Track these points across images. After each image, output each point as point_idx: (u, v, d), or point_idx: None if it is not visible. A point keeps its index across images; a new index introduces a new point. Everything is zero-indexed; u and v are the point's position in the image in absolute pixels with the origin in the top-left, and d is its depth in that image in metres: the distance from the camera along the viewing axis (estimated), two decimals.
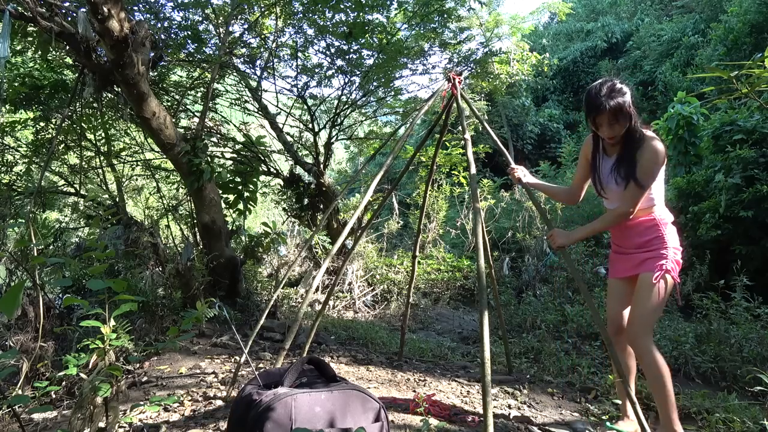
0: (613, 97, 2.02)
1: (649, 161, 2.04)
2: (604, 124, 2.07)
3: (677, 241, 2.14)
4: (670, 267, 2.06)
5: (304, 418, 1.56)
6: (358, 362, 3.61)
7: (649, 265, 2.09)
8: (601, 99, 2.03)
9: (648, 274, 2.08)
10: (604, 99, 2.03)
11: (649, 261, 2.10)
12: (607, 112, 2.03)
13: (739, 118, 6.61)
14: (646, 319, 2.07)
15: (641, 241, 2.14)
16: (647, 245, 2.13)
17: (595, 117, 2.07)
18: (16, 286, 1.25)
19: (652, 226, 2.12)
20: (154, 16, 4.77)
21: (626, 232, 2.20)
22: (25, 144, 5.19)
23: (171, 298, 3.94)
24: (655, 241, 2.11)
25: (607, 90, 2.04)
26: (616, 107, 2.01)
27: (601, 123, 2.07)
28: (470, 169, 2.35)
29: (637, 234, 2.16)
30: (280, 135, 5.87)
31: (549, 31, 24.06)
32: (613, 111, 2.02)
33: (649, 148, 2.04)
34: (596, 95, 2.05)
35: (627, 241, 2.21)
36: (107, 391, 1.58)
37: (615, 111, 2.02)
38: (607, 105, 2.01)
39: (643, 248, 2.14)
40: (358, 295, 6.62)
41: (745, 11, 12.21)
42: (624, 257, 2.24)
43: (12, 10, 3.14)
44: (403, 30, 5.62)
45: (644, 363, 2.09)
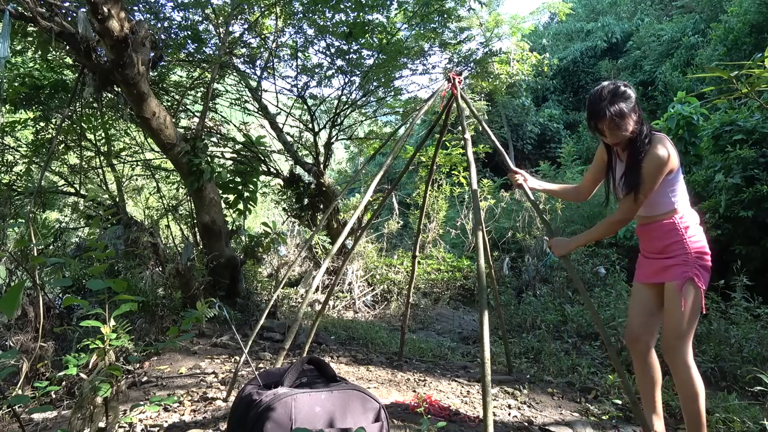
0: (614, 102, 1.94)
1: (648, 169, 1.95)
2: (606, 130, 1.99)
3: (703, 244, 2.03)
4: (694, 273, 1.96)
5: (304, 418, 1.56)
6: (358, 362, 3.61)
7: (672, 274, 1.99)
8: (602, 104, 1.95)
9: (672, 283, 1.98)
10: (605, 104, 1.94)
11: (672, 269, 2.00)
12: (608, 119, 1.94)
13: (739, 118, 6.61)
14: (680, 331, 1.95)
15: (661, 246, 2.05)
16: (668, 251, 2.03)
17: (596, 123, 2.00)
18: (16, 286, 1.25)
19: (672, 230, 2.01)
20: (154, 16, 4.77)
21: (647, 235, 2.13)
22: (25, 144, 5.19)
23: (171, 298, 3.94)
24: (675, 246, 2.01)
25: (609, 94, 1.95)
26: (617, 113, 1.93)
27: (602, 129, 2.00)
28: (470, 169, 2.35)
29: (657, 237, 2.06)
30: (280, 135, 5.87)
31: (549, 31, 24.05)
32: (614, 117, 1.93)
33: (649, 156, 1.95)
34: (597, 99, 1.97)
35: (649, 245, 2.13)
36: (107, 391, 1.58)
37: (616, 117, 1.93)
38: (608, 111, 1.93)
39: (665, 254, 2.04)
40: (358, 295, 6.62)
41: (745, 11, 12.21)
42: (648, 261, 2.15)
43: (12, 10, 3.14)
44: (403, 30, 5.63)
45: (678, 379, 1.98)
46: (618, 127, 1.96)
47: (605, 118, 1.95)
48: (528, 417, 2.60)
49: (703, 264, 2.00)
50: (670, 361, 1.99)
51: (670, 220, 2.03)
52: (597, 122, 1.99)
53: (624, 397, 2.85)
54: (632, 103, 1.96)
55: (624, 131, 1.97)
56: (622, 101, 1.94)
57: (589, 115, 2.03)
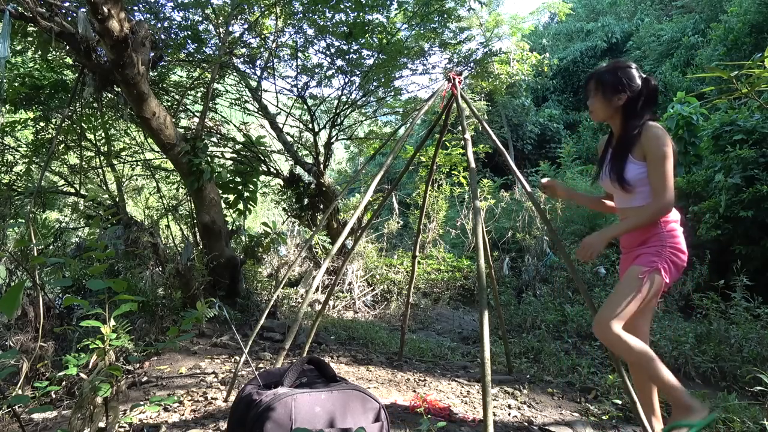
0: (608, 70, 1.99)
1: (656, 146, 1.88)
2: (589, 92, 2.04)
3: (681, 243, 1.96)
4: (663, 266, 1.89)
5: (304, 418, 1.56)
6: (358, 362, 3.61)
7: (641, 260, 1.94)
8: (600, 67, 2.05)
9: (637, 267, 1.92)
10: (601, 68, 2.04)
11: (643, 256, 1.95)
12: (594, 79, 2.01)
13: (739, 118, 6.61)
14: (617, 307, 1.86)
15: (642, 239, 2.00)
16: (646, 242, 1.98)
17: (587, 82, 2.06)
18: (16, 286, 1.25)
19: (653, 226, 1.96)
20: (154, 16, 4.77)
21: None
22: (25, 144, 5.19)
23: (171, 298, 3.94)
24: (653, 239, 1.95)
25: (612, 63, 2.02)
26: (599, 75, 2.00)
27: (588, 90, 2.05)
28: (470, 169, 2.35)
29: (642, 230, 1.99)
30: (280, 135, 5.87)
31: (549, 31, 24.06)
32: (597, 78, 1.99)
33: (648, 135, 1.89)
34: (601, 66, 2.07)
35: (629, 238, 2.07)
36: (107, 391, 1.58)
37: (599, 79, 1.99)
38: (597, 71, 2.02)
39: (642, 245, 2.00)
40: (358, 295, 6.62)
41: (745, 11, 12.21)
42: (626, 256, 2.10)
43: (12, 10, 3.14)
44: (403, 30, 5.62)
45: (618, 352, 1.92)
46: (597, 93, 1.99)
47: (591, 78, 2.02)
48: (528, 417, 2.60)
49: (675, 261, 1.92)
50: (602, 338, 1.92)
51: None
52: (587, 81, 2.05)
53: (624, 397, 2.85)
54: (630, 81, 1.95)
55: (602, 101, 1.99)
56: (615, 70, 1.97)
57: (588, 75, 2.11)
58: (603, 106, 2.00)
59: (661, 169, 1.89)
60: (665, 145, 1.88)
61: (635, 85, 1.95)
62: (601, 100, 2.00)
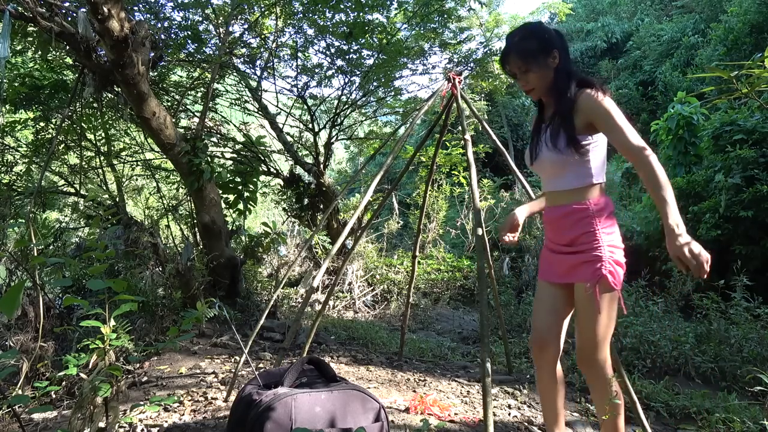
0: (524, 37, 1.71)
1: (599, 104, 1.62)
2: (517, 72, 1.75)
3: (616, 237, 1.71)
4: (609, 271, 1.64)
5: (304, 418, 1.56)
6: (358, 362, 3.61)
7: (583, 273, 1.68)
8: (512, 41, 1.72)
9: (584, 285, 1.67)
10: (513, 41, 1.72)
11: (582, 267, 1.68)
12: (512, 55, 1.72)
13: (739, 118, 6.61)
14: (596, 340, 1.68)
15: (571, 237, 1.72)
16: (577, 243, 1.71)
17: (504, 62, 1.77)
18: (16, 286, 1.25)
19: (585, 217, 1.68)
20: (154, 16, 4.77)
21: (557, 223, 1.78)
22: (25, 144, 5.19)
23: (171, 298, 3.94)
24: (585, 239, 1.68)
25: (520, 31, 1.74)
26: (520, 46, 1.70)
27: (513, 70, 1.75)
28: (470, 169, 2.35)
29: (569, 225, 1.72)
30: (280, 135, 5.87)
31: None
32: (521, 50, 1.70)
33: (584, 97, 1.65)
34: (508, 38, 1.74)
35: (558, 235, 1.79)
36: (107, 391, 1.58)
37: (523, 50, 1.70)
38: (513, 46, 1.71)
39: (573, 247, 1.72)
40: (358, 295, 6.62)
41: (745, 11, 12.21)
42: (555, 257, 1.82)
43: (12, 10, 3.13)
44: (403, 30, 5.62)
45: (596, 394, 1.76)
46: (529, 68, 1.71)
47: (508, 54, 1.73)
48: (528, 417, 2.60)
49: (617, 260, 1.68)
50: (587, 373, 1.76)
51: (583, 206, 1.69)
52: (506, 61, 1.76)
53: (624, 397, 2.85)
54: (552, 36, 1.71)
55: (537, 73, 1.71)
56: (534, 36, 1.71)
57: (501, 55, 1.80)
58: (542, 75, 1.71)
59: (621, 122, 1.59)
60: (608, 100, 1.64)
61: (557, 38, 1.73)
62: (537, 70, 1.71)
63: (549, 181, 1.81)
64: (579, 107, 1.66)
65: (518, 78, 1.76)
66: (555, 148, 1.69)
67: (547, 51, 1.69)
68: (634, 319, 4.18)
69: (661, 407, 2.77)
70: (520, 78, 1.75)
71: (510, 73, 1.78)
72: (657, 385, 3.10)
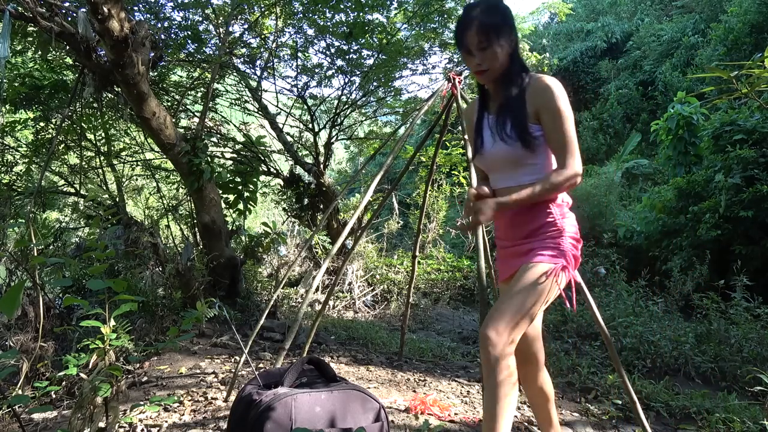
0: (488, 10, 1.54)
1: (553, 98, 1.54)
2: (474, 47, 1.54)
3: (576, 231, 1.62)
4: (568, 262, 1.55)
5: (304, 418, 1.56)
6: (358, 362, 3.61)
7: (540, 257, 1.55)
8: (473, 13, 1.55)
9: (539, 265, 1.53)
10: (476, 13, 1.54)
11: (539, 251, 1.56)
12: (473, 29, 1.52)
13: (739, 118, 6.61)
14: (515, 318, 1.46)
15: (532, 228, 1.61)
16: (537, 233, 1.59)
17: (463, 34, 1.55)
18: (16, 286, 1.25)
19: (545, 209, 1.59)
20: (154, 16, 4.77)
21: (515, 219, 1.65)
22: (25, 144, 5.19)
23: (171, 298, 3.94)
24: (546, 228, 1.58)
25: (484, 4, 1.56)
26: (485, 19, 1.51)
27: (470, 45, 1.54)
28: (470, 169, 2.35)
29: (531, 218, 1.61)
30: (280, 135, 5.87)
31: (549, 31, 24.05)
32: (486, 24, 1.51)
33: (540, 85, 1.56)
34: (468, 9, 1.57)
35: (516, 231, 1.66)
36: (107, 391, 1.58)
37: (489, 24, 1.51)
38: (477, 16, 1.52)
39: (532, 237, 1.61)
40: (358, 295, 6.62)
41: (745, 11, 12.21)
42: (511, 251, 1.69)
43: (12, 10, 3.14)
44: (403, 30, 5.63)
45: (489, 368, 1.45)
46: (489, 44, 1.52)
47: (470, 26, 1.53)
48: (528, 417, 2.60)
49: (575, 255, 1.60)
50: (485, 342, 1.45)
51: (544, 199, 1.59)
52: (464, 34, 1.55)
53: (624, 397, 2.85)
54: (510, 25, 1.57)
55: (495, 53, 1.53)
56: (499, 14, 1.55)
57: (457, 28, 1.59)
58: (499, 55, 1.54)
59: (566, 125, 1.52)
60: (564, 96, 1.55)
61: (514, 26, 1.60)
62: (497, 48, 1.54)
63: (501, 177, 1.67)
64: (530, 96, 1.56)
65: (472, 54, 1.55)
66: (507, 140, 1.56)
67: (509, 30, 1.56)
68: (634, 319, 4.18)
69: (661, 407, 2.77)
70: (475, 54, 1.55)
71: (465, 48, 1.56)
72: (657, 385, 3.10)
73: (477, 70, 1.57)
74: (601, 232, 7.88)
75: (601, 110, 17.42)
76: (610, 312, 4.47)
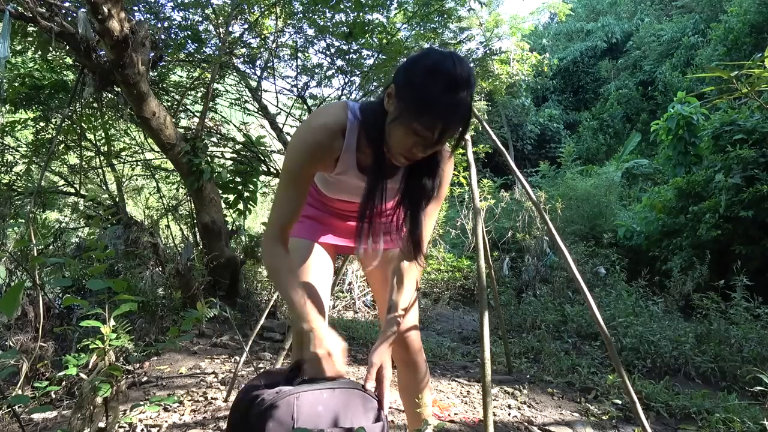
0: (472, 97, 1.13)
1: (448, 176, 1.36)
2: (440, 140, 1.13)
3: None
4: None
5: (306, 417, 1.56)
6: (358, 362, 3.61)
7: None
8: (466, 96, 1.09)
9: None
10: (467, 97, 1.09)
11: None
12: (464, 117, 1.12)
13: (739, 118, 6.61)
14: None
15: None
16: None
17: (450, 124, 1.10)
18: (16, 286, 1.25)
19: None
20: (154, 16, 4.77)
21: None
22: (25, 144, 5.19)
23: (171, 298, 3.94)
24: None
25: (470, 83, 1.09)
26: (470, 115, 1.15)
27: (440, 137, 1.12)
28: (470, 169, 2.35)
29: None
30: (280, 135, 5.86)
31: (549, 31, 24.07)
32: (468, 121, 1.15)
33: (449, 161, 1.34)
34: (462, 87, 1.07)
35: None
36: (107, 391, 1.58)
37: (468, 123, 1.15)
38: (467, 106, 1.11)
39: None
40: (358, 295, 6.62)
41: (745, 11, 12.22)
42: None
43: (12, 10, 3.14)
44: (403, 30, 5.63)
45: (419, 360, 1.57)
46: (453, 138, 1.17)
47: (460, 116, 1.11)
48: (528, 417, 2.60)
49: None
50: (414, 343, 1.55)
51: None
52: (451, 120, 1.10)
53: (624, 397, 2.85)
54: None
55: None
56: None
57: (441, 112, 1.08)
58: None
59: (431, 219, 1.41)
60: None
61: None
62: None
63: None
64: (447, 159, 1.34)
65: (428, 145, 1.14)
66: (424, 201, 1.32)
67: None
68: (634, 319, 4.18)
69: (661, 407, 2.77)
70: (433, 145, 1.15)
71: (437, 137, 1.11)
72: (657, 385, 3.10)
73: (412, 160, 1.19)
74: (601, 232, 7.89)
75: (601, 110, 17.43)
76: (610, 312, 4.47)
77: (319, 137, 1.24)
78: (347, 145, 1.27)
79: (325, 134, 1.24)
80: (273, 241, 1.30)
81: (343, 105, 1.30)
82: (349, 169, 1.33)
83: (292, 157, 1.26)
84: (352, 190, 1.42)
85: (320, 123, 1.25)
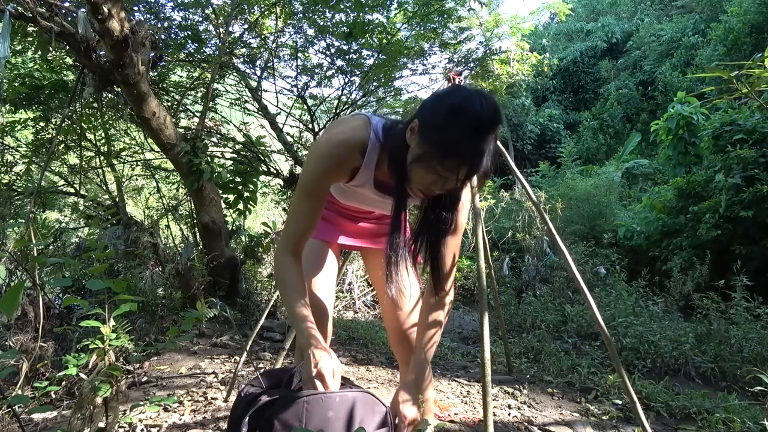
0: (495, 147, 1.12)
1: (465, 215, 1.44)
2: (464, 181, 1.13)
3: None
4: None
5: (318, 422, 1.54)
6: (358, 362, 3.61)
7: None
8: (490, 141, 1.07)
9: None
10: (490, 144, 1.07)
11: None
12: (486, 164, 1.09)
13: (739, 118, 6.61)
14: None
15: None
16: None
17: (475, 168, 1.08)
18: (16, 286, 1.25)
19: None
20: (154, 16, 4.77)
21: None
22: (25, 144, 5.19)
23: (171, 298, 3.94)
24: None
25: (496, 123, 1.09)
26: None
27: (465, 179, 1.11)
28: None
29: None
30: (280, 135, 5.87)
31: (549, 31, 24.08)
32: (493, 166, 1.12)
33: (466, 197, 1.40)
34: (488, 134, 1.06)
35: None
36: (107, 391, 1.58)
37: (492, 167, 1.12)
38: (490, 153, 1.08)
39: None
40: (358, 295, 6.62)
41: (745, 11, 12.22)
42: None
43: (12, 10, 3.14)
44: (403, 30, 5.63)
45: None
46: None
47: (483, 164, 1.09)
48: (528, 417, 2.60)
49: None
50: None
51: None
52: (475, 166, 1.08)
53: (624, 397, 2.85)
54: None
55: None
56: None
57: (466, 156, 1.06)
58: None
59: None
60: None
61: None
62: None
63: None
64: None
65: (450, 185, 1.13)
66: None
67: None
68: (634, 319, 4.18)
69: (661, 407, 2.77)
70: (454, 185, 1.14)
71: (461, 178, 1.10)
72: (657, 385, 3.10)
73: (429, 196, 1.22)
74: (601, 232, 7.89)
75: (601, 110, 17.44)
76: (610, 312, 4.47)
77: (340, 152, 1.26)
78: (366, 163, 1.29)
79: (345, 150, 1.26)
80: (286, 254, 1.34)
81: (365, 122, 1.30)
82: (366, 184, 1.36)
83: (309, 170, 1.28)
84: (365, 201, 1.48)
85: (341, 139, 1.27)
